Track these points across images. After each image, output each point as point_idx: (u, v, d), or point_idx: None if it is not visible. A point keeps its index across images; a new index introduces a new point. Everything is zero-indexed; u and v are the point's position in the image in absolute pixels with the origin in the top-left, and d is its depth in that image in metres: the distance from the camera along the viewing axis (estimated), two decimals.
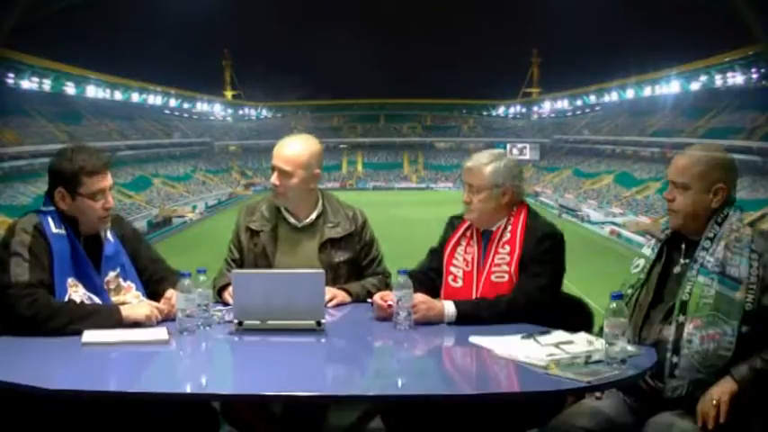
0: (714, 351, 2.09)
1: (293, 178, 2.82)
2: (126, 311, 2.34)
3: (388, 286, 2.89)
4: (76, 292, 2.39)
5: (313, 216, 2.91)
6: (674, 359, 2.13)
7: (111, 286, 2.51)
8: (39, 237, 2.37)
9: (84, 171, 2.43)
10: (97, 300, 2.44)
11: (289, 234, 2.91)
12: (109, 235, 2.56)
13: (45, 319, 2.23)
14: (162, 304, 2.44)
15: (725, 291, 2.12)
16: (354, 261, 2.93)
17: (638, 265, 2.38)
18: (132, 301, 2.51)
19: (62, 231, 2.42)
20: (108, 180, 2.49)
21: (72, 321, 2.25)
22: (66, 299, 2.36)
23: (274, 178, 2.85)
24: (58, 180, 2.45)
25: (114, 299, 2.49)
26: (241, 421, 2.45)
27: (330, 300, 2.68)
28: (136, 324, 2.33)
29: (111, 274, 2.52)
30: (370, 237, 2.99)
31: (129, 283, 2.55)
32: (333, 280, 2.81)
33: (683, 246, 2.28)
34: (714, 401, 2.03)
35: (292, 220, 2.92)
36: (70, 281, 2.39)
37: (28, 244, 2.34)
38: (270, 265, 2.84)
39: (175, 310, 2.33)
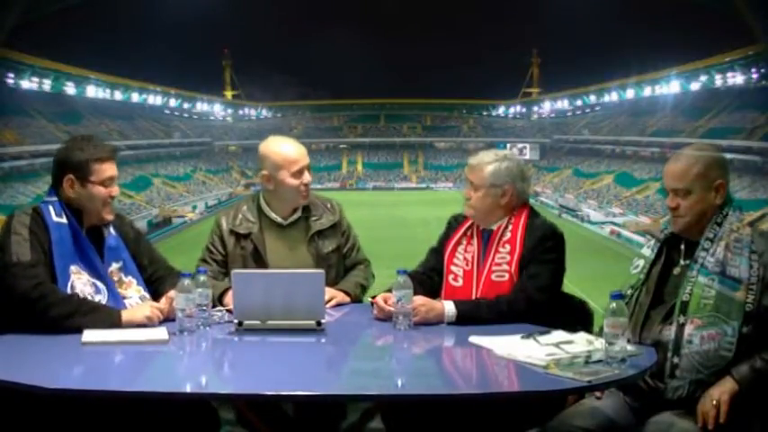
0: (715, 351, 2.09)
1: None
2: (126, 317, 2.33)
3: (372, 274, 3.02)
4: (80, 279, 2.39)
5: (299, 212, 2.95)
6: (675, 359, 2.13)
7: (114, 278, 2.51)
8: (38, 219, 2.38)
9: (95, 158, 2.45)
10: (102, 285, 2.43)
11: (275, 232, 2.93)
12: (111, 229, 2.56)
13: (48, 305, 2.23)
14: (162, 304, 2.43)
15: (725, 291, 2.12)
16: (339, 250, 2.99)
17: (637, 266, 2.38)
18: (134, 295, 2.52)
19: (63, 220, 2.42)
20: (115, 169, 2.52)
21: (73, 314, 2.25)
22: (70, 285, 2.36)
23: (308, 177, 2.89)
24: (68, 168, 2.45)
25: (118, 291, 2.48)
26: (254, 426, 2.44)
27: (329, 300, 2.69)
28: (137, 325, 2.32)
29: (114, 266, 2.52)
30: (347, 224, 3.07)
31: (130, 278, 2.55)
32: (326, 271, 2.83)
33: (683, 246, 2.28)
34: (714, 402, 2.03)
35: (278, 219, 2.93)
36: (73, 268, 2.39)
37: (27, 224, 2.35)
38: (264, 266, 2.85)
39: (175, 309, 2.33)
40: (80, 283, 2.38)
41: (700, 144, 2.40)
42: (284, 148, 2.89)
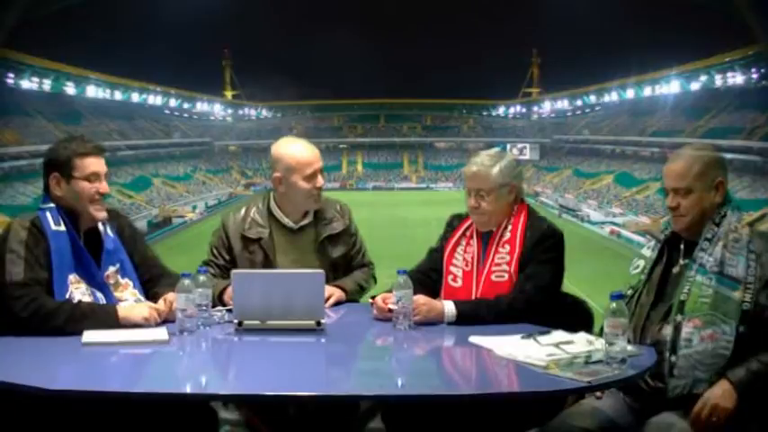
0: (713, 350, 2.09)
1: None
2: (123, 313, 2.34)
3: (374, 278, 2.99)
4: (78, 289, 2.39)
5: (310, 216, 2.92)
6: (673, 358, 2.13)
7: (111, 281, 2.50)
8: (36, 233, 2.36)
9: (77, 154, 2.44)
10: (100, 295, 2.43)
11: (284, 236, 2.91)
12: (108, 230, 2.55)
13: (42, 320, 2.23)
14: (160, 305, 2.43)
15: (723, 290, 2.12)
16: (348, 254, 2.96)
17: (637, 266, 2.38)
18: (129, 298, 2.51)
19: (61, 228, 2.41)
20: (102, 165, 2.50)
21: (69, 322, 2.25)
22: (68, 296, 2.35)
23: (321, 181, 2.87)
24: (52, 166, 2.45)
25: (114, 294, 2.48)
26: (254, 426, 2.44)
27: (328, 298, 2.68)
28: (134, 325, 2.32)
29: (111, 269, 2.52)
30: (355, 228, 3.04)
31: (126, 279, 2.55)
32: (333, 276, 2.83)
33: (682, 246, 2.28)
34: (714, 419, 2.02)
35: (289, 223, 2.91)
36: (72, 277, 2.39)
37: (24, 240, 2.33)
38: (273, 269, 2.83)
39: (174, 310, 2.33)
40: (78, 292, 2.38)
41: (698, 144, 2.40)
42: (298, 151, 2.85)
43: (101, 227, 2.54)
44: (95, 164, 2.47)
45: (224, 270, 2.86)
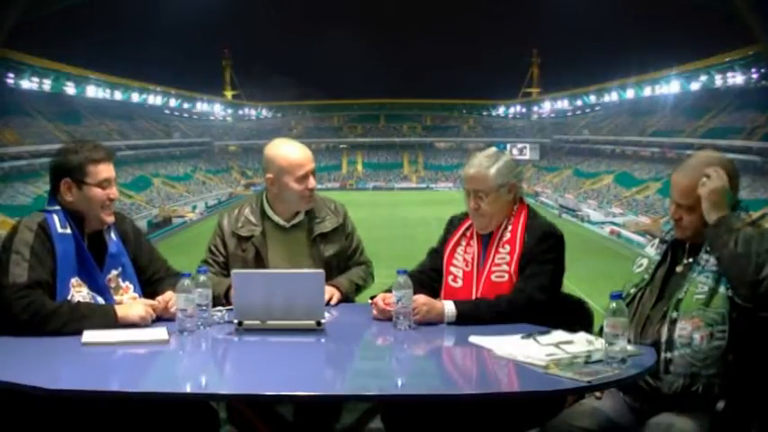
0: (708, 344, 2.09)
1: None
2: (121, 312, 2.35)
3: (372, 276, 3.00)
4: (80, 292, 2.39)
5: (302, 214, 2.93)
6: (668, 355, 2.12)
7: (112, 285, 2.50)
8: (42, 236, 2.36)
9: (91, 160, 2.44)
10: (101, 300, 2.43)
11: (277, 235, 2.92)
12: (112, 234, 2.56)
13: (41, 322, 2.23)
14: (156, 302, 2.44)
15: (718, 288, 2.12)
16: (342, 253, 2.97)
17: (641, 265, 2.38)
18: (129, 302, 2.51)
19: (67, 231, 2.41)
20: (112, 171, 2.51)
21: (68, 324, 2.25)
22: (69, 298, 2.35)
23: (313, 182, 2.88)
24: (64, 172, 2.45)
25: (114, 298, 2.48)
26: (248, 426, 2.44)
27: (328, 300, 2.69)
28: (133, 324, 2.33)
29: (113, 273, 2.52)
30: (352, 226, 3.05)
31: (127, 283, 2.55)
32: (327, 274, 2.82)
33: (687, 245, 2.28)
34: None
35: (281, 222, 2.92)
36: (74, 281, 2.39)
37: (30, 243, 2.33)
38: (265, 268, 2.84)
39: (171, 308, 2.34)
40: (79, 296, 2.38)
41: (709, 152, 2.32)
42: (290, 153, 2.87)
43: (105, 228, 2.54)
44: (107, 170, 2.48)
45: (223, 267, 2.89)
